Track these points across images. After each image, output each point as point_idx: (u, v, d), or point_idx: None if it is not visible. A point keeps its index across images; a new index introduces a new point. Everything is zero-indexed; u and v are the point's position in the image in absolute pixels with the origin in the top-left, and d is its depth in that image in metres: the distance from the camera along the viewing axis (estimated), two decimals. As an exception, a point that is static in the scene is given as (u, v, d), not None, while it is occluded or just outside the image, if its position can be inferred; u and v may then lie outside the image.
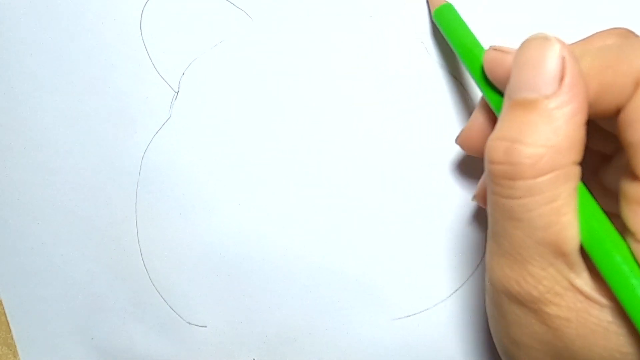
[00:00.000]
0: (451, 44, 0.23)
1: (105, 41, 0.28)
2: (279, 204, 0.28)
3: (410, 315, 0.28)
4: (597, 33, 0.19)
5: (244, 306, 0.29)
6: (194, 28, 0.27)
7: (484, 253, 0.27)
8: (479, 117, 0.22)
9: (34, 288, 0.31)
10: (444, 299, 0.28)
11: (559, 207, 0.15)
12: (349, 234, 0.28)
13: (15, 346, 0.32)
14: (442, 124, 0.26)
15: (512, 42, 0.21)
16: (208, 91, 0.28)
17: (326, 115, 0.27)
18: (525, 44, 0.17)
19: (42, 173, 0.30)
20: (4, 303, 0.31)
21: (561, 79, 0.15)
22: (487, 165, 0.17)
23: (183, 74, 0.28)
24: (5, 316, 0.31)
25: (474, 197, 0.24)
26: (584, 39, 0.19)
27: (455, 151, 0.27)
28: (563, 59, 0.15)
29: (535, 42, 0.16)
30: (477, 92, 0.26)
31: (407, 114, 0.27)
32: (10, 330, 0.31)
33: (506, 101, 0.17)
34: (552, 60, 0.15)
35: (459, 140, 0.23)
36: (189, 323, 0.30)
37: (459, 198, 0.27)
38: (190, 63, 0.28)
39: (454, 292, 0.28)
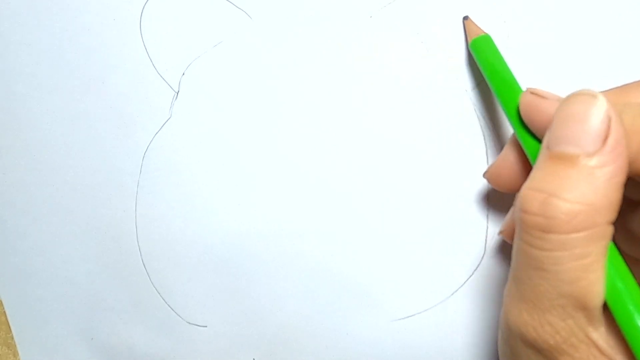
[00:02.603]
0: (486, 78, 0.23)
1: (105, 41, 0.28)
2: (278, 204, 0.28)
3: (409, 317, 0.28)
4: (635, 83, 0.19)
5: (244, 306, 0.29)
6: (194, 28, 0.27)
7: (483, 254, 0.27)
8: (509, 154, 0.22)
9: (34, 288, 0.31)
10: (443, 300, 0.28)
11: (588, 264, 0.15)
12: (348, 234, 0.28)
13: (15, 346, 0.32)
14: (442, 124, 0.26)
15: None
16: (208, 91, 0.28)
17: (325, 115, 0.27)
18: (570, 98, 0.16)
19: (42, 173, 0.30)
20: (4, 303, 0.31)
21: (605, 138, 0.15)
22: (519, 213, 0.17)
23: (183, 74, 0.28)
24: (6, 316, 0.31)
25: (501, 233, 0.24)
26: (620, 88, 0.19)
27: (454, 152, 0.27)
28: (609, 118, 0.15)
29: (581, 98, 0.16)
30: (477, 94, 0.26)
31: (407, 114, 0.27)
32: (10, 330, 0.32)
33: (544, 150, 0.17)
34: (597, 117, 0.15)
35: (487, 175, 0.23)
36: (189, 323, 0.30)
37: (458, 199, 0.27)
38: (190, 63, 0.28)
39: (453, 293, 0.28)
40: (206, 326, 0.30)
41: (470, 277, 0.27)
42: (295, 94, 0.27)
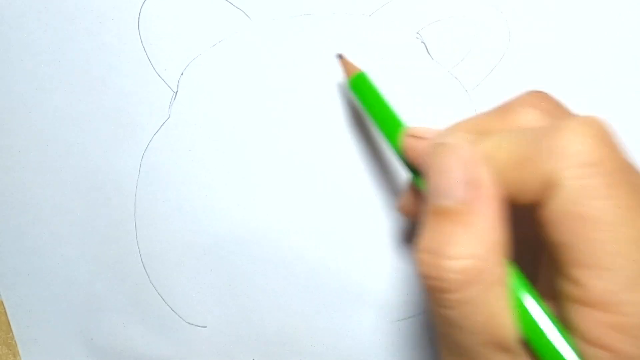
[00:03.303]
0: (369, 115, 0.23)
1: (103, 41, 0.28)
2: (278, 204, 0.28)
3: (409, 317, 0.28)
4: (517, 100, 0.18)
5: (244, 306, 0.29)
6: (193, 28, 0.27)
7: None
8: (412, 188, 0.22)
9: (34, 288, 0.31)
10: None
11: (492, 311, 0.15)
12: (348, 234, 0.28)
13: (15, 346, 0.32)
14: (442, 124, 0.26)
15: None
16: (207, 91, 0.28)
17: (325, 115, 0.27)
18: (434, 149, 0.16)
19: (42, 173, 0.30)
20: (4, 303, 0.32)
21: (473, 183, 0.15)
22: (419, 277, 0.16)
23: (182, 74, 0.28)
24: (6, 316, 0.32)
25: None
26: (503, 108, 0.18)
27: (455, 152, 0.26)
28: (472, 163, 0.15)
29: (440, 149, 0.16)
30: (477, 94, 0.26)
31: (407, 114, 0.26)
32: (10, 330, 0.32)
33: (427, 204, 0.16)
34: (457, 167, 0.15)
35: (399, 210, 0.24)
36: (189, 323, 0.30)
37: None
38: (189, 63, 0.28)
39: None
40: (206, 326, 0.30)
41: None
42: (294, 94, 0.27)
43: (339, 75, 0.27)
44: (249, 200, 0.28)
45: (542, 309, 0.15)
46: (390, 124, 0.21)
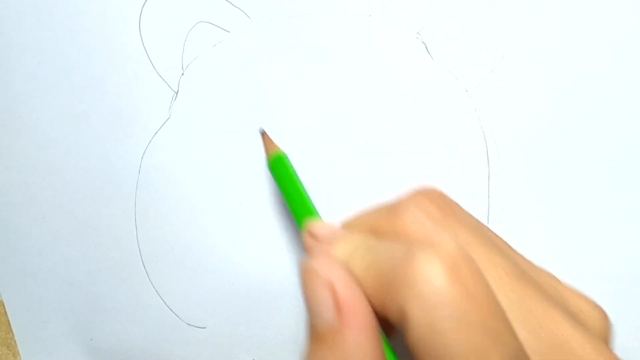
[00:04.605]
0: (285, 199, 0.24)
1: (104, 41, 0.28)
2: (278, 203, 0.28)
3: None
4: (405, 200, 0.18)
5: (244, 307, 0.29)
6: (193, 28, 0.27)
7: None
8: None
9: (34, 288, 0.31)
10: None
11: None
12: (348, 234, 0.28)
13: (15, 346, 0.32)
14: (442, 124, 0.26)
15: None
16: (207, 91, 0.28)
17: (325, 115, 0.27)
18: (302, 272, 0.16)
19: (42, 173, 0.30)
20: (4, 303, 0.32)
21: (337, 306, 0.15)
22: None
23: (182, 74, 0.28)
24: (6, 316, 0.32)
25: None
26: (391, 207, 0.18)
27: (454, 152, 0.26)
28: (332, 288, 0.15)
29: (305, 274, 0.16)
30: (477, 94, 0.26)
31: (406, 114, 0.27)
32: (10, 330, 0.32)
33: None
34: (322, 292, 0.15)
35: None
36: (188, 324, 0.30)
37: (458, 199, 0.27)
38: (189, 63, 0.28)
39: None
40: (205, 327, 0.30)
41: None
42: (294, 94, 0.27)
43: (339, 75, 0.27)
44: (249, 200, 0.28)
45: None
46: (302, 211, 0.22)
